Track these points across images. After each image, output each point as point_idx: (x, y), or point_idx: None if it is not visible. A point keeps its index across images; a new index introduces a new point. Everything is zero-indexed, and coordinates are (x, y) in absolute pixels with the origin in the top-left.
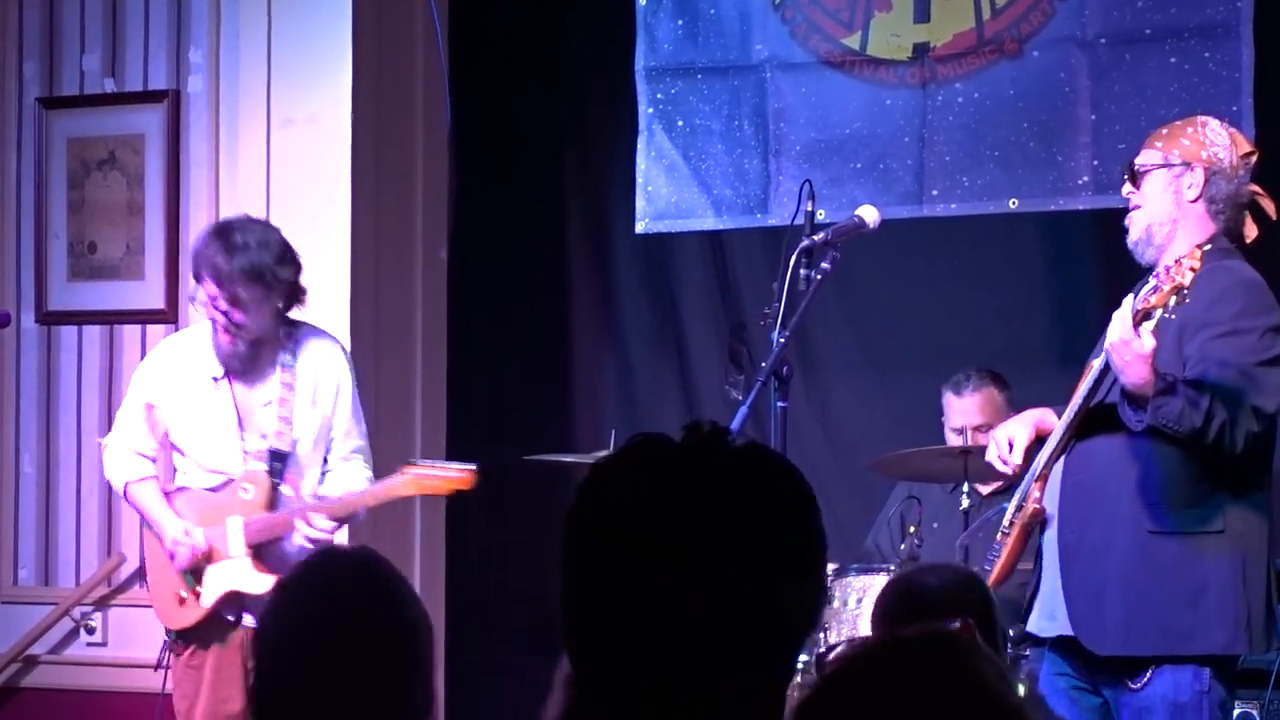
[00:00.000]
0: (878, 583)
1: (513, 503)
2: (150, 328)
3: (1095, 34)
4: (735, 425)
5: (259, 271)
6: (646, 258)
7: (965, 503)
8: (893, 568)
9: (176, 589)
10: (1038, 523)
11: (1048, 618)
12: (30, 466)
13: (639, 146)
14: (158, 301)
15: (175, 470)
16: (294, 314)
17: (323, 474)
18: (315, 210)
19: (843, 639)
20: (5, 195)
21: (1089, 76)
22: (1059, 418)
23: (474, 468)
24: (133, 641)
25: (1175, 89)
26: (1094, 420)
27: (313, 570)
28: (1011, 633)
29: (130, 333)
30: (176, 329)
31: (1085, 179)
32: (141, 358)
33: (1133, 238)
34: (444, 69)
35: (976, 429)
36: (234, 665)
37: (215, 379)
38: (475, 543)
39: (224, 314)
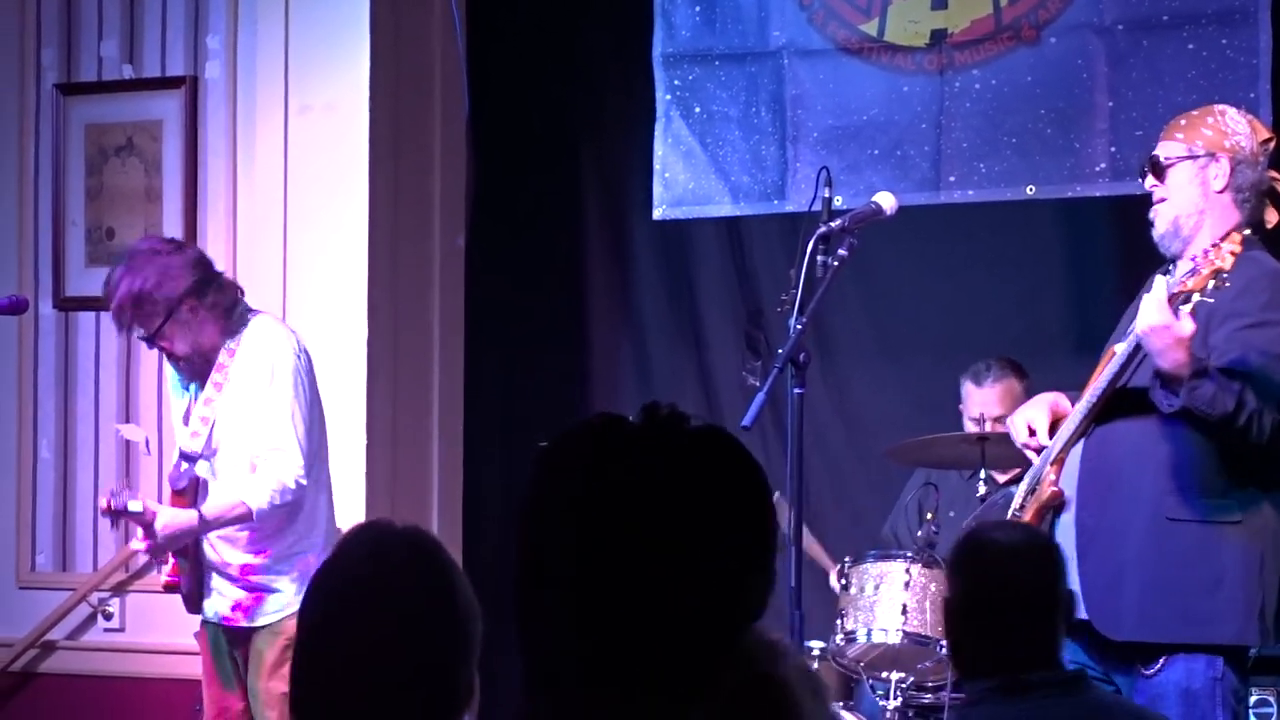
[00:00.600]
0: (894, 569)
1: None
2: None
3: (1113, 20)
4: (752, 412)
5: (138, 301)
6: (664, 244)
7: (982, 489)
8: (909, 554)
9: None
10: (1054, 506)
11: None
12: (48, 452)
13: (656, 133)
14: None
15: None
16: (316, 300)
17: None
18: (333, 197)
19: (859, 626)
20: (23, 181)
21: (1106, 63)
22: (1072, 402)
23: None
24: (150, 627)
25: (1193, 75)
26: (1116, 404)
27: (367, 537)
28: None
29: None
30: None
31: (1102, 166)
32: None
33: (1159, 231)
34: (461, 55)
35: (996, 420)
36: (221, 656)
37: (185, 386)
38: (492, 532)
39: (146, 343)
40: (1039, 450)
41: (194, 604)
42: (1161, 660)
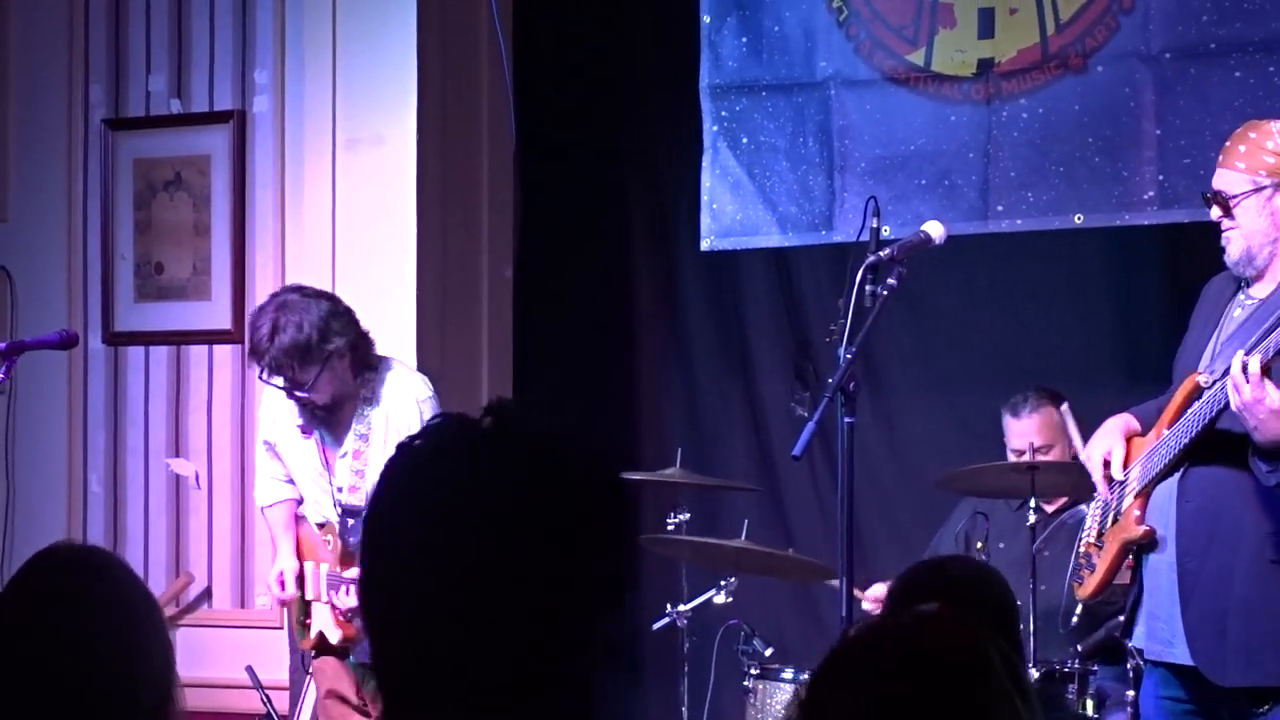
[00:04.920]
0: None
1: None
2: (217, 348)
3: (1160, 48)
4: (802, 441)
5: (303, 350)
6: (712, 275)
7: (1032, 519)
8: None
9: (302, 614)
10: (1145, 543)
11: (1163, 643)
12: (98, 486)
13: (704, 164)
14: (224, 322)
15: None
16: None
17: None
18: (381, 230)
19: None
20: (72, 216)
21: (1154, 91)
22: (1138, 421)
23: None
24: (202, 661)
25: (1240, 103)
26: (1211, 444)
27: (30, 570)
28: (1080, 648)
29: (197, 353)
30: (243, 349)
31: (1150, 194)
32: (208, 378)
33: (1232, 257)
34: (508, 88)
35: (1037, 450)
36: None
37: (304, 431)
38: None
39: (287, 392)
40: (1110, 480)
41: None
42: (1270, 704)
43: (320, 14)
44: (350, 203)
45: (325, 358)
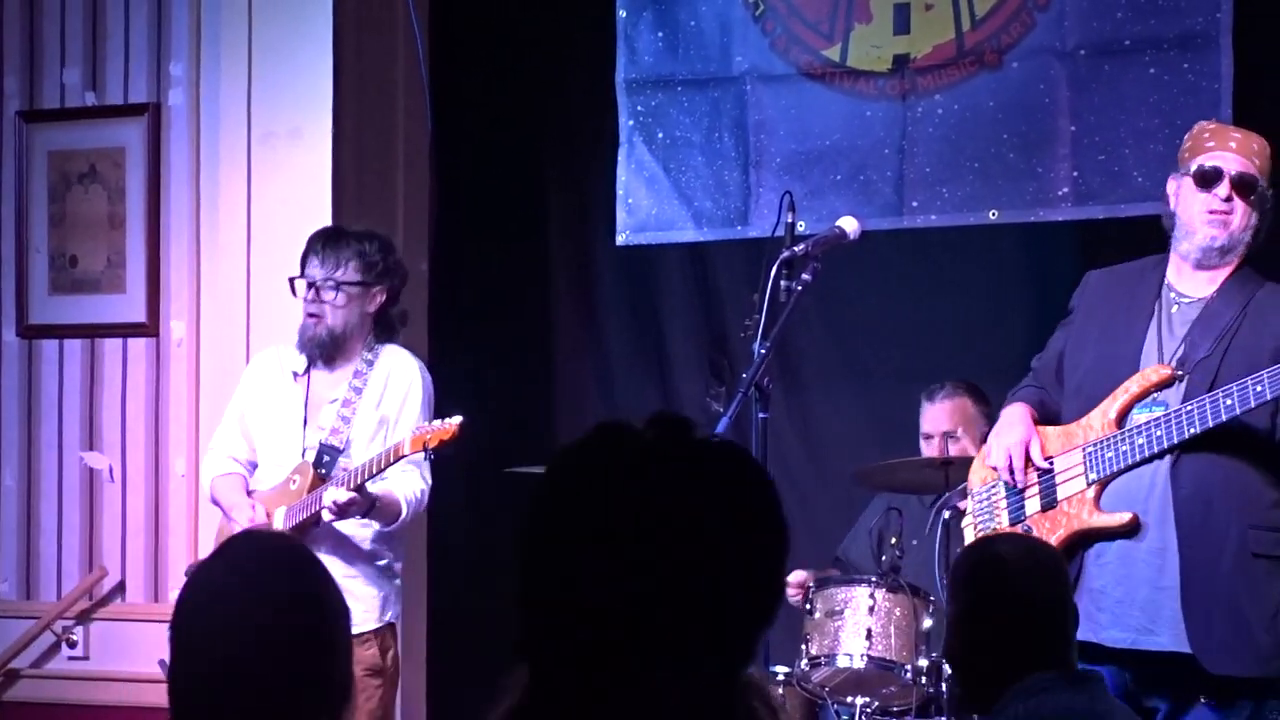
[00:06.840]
0: (859, 594)
1: (495, 515)
2: (131, 341)
3: (1075, 45)
4: None
5: (369, 258)
6: (628, 270)
7: (946, 515)
8: (874, 579)
9: None
10: (1122, 531)
11: (1137, 630)
12: (11, 479)
13: (619, 159)
14: (139, 315)
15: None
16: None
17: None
18: (296, 224)
19: (824, 651)
20: None
21: (1068, 87)
22: (1030, 413)
23: (459, 419)
24: (115, 655)
25: (1155, 100)
26: (1212, 435)
27: (231, 547)
28: None
29: (111, 346)
30: (158, 342)
31: (1065, 190)
32: (123, 371)
33: (1220, 241)
34: (425, 82)
35: (945, 435)
36: None
37: (296, 374)
38: (457, 555)
39: (314, 289)
40: (1028, 468)
41: None
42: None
43: (236, 7)
44: (265, 196)
45: (369, 283)
